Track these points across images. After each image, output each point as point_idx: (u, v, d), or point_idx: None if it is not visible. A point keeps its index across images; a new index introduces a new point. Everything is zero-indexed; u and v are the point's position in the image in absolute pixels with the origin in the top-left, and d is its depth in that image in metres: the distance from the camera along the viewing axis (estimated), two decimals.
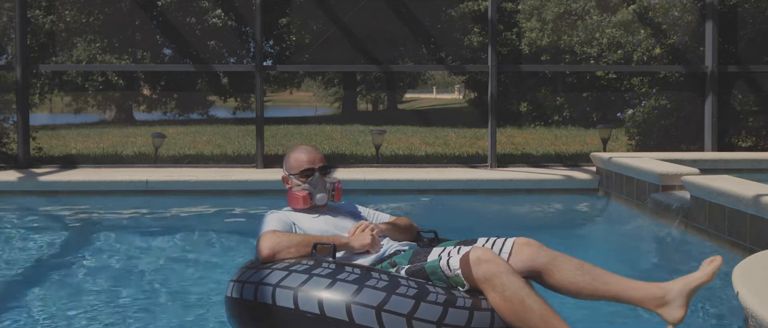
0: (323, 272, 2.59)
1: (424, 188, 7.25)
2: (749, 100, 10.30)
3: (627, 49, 13.36)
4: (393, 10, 21.22)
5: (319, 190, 3.13)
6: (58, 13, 21.39)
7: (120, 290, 3.90)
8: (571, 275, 2.68)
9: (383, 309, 2.45)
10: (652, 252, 5.05)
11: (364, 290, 2.50)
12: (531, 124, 18.41)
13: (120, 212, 6.40)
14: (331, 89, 31.81)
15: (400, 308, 2.45)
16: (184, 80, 22.92)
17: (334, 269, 2.62)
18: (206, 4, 21.80)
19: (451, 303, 2.49)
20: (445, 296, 2.51)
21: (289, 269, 2.64)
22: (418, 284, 2.56)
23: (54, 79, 21.52)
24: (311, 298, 2.52)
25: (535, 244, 2.77)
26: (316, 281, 2.56)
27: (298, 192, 3.12)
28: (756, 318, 2.42)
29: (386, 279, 2.56)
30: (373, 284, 2.52)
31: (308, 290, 2.54)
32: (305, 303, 2.52)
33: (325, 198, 3.14)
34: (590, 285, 2.66)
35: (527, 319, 2.48)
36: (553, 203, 6.91)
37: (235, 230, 5.67)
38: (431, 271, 2.64)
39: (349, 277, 2.56)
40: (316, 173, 3.14)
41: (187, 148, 11.99)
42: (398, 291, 2.50)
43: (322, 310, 2.49)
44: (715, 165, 6.91)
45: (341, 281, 2.54)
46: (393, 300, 2.47)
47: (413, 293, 2.50)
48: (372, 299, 2.47)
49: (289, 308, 2.54)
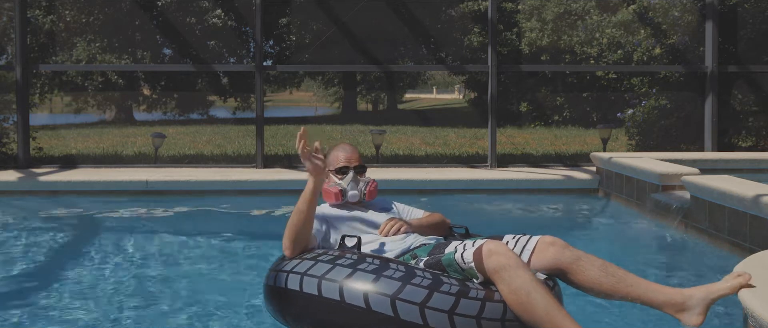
0: (346, 262, 2.79)
1: (424, 187, 7.25)
2: (749, 100, 10.30)
3: (627, 49, 13.36)
4: (393, 10, 21.21)
5: (352, 187, 3.29)
6: (58, 13, 21.39)
7: (119, 290, 3.90)
8: (594, 276, 2.76)
9: (398, 298, 2.61)
10: (652, 252, 5.05)
11: (381, 280, 2.67)
12: (531, 124, 18.41)
13: (120, 212, 6.40)
14: (331, 89, 31.78)
15: (414, 297, 2.60)
16: (184, 80, 22.91)
17: (356, 259, 2.81)
18: (206, 4, 21.79)
19: (463, 294, 2.61)
20: (458, 287, 2.64)
21: (316, 259, 2.87)
22: (433, 275, 2.70)
23: (54, 79, 21.51)
24: (333, 286, 2.72)
25: (560, 243, 2.84)
26: (339, 270, 2.76)
27: (331, 188, 3.29)
28: (756, 318, 2.42)
29: (403, 270, 2.71)
30: (390, 274, 2.69)
31: (331, 278, 2.75)
32: (328, 290, 2.72)
33: (357, 196, 3.28)
34: (613, 286, 2.73)
35: (532, 312, 2.55)
36: (553, 203, 6.91)
37: (235, 230, 5.67)
38: (447, 263, 2.74)
39: (368, 267, 2.74)
40: (351, 172, 3.31)
41: (187, 148, 11.99)
42: (413, 281, 2.64)
43: (343, 296, 2.68)
44: (715, 165, 6.91)
45: (361, 271, 2.72)
46: (407, 290, 2.62)
47: (427, 283, 2.64)
48: (388, 288, 2.64)
49: (313, 294, 2.76)
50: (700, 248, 4.85)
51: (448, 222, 3.42)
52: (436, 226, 3.33)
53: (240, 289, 3.93)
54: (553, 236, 2.89)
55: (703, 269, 4.39)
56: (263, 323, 3.33)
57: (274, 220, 6.19)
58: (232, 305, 3.61)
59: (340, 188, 3.28)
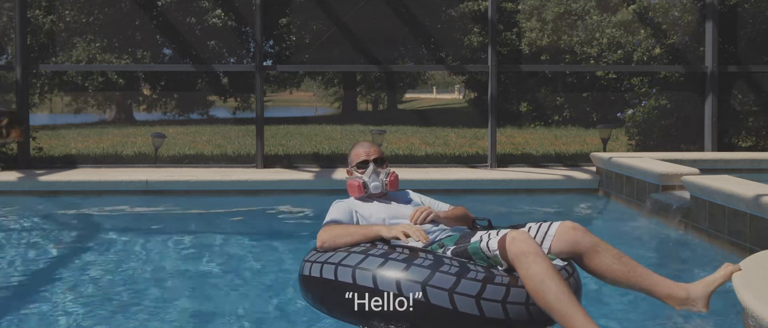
0: (377, 253, 2.99)
1: (424, 187, 7.20)
2: (749, 100, 10.30)
3: (627, 49, 13.37)
4: (393, 10, 21.21)
5: (373, 179, 3.51)
6: (58, 13, 21.39)
7: (119, 290, 3.90)
8: (608, 263, 2.96)
9: (428, 284, 2.78)
10: (652, 252, 5.05)
11: (412, 268, 2.84)
12: (531, 124, 18.40)
13: (120, 212, 6.40)
14: (331, 89, 31.76)
15: (443, 284, 2.77)
16: (184, 80, 22.91)
17: (386, 250, 3.00)
18: (206, 4, 21.79)
19: (489, 280, 2.78)
20: (484, 274, 2.80)
21: (349, 251, 3.07)
22: (460, 263, 2.87)
23: (54, 79, 21.51)
24: (366, 274, 2.90)
25: (580, 228, 3.04)
26: (371, 260, 2.95)
27: (354, 181, 3.52)
28: (756, 318, 2.42)
29: (431, 258, 2.89)
30: (420, 263, 2.86)
31: (365, 267, 2.93)
32: (362, 278, 2.90)
33: (379, 187, 3.52)
34: (625, 275, 2.95)
35: (544, 297, 2.69)
36: (553, 203, 6.90)
37: (235, 230, 5.68)
38: (473, 251, 2.92)
39: (399, 257, 2.92)
40: (371, 165, 3.54)
41: (187, 148, 11.99)
42: (442, 269, 2.82)
43: (376, 284, 2.86)
44: (715, 165, 6.91)
45: (392, 260, 2.90)
46: (437, 277, 2.79)
47: (455, 270, 2.81)
48: (419, 275, 2.81)
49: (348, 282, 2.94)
50: (700, 248, 4.85)
51: (471, 216, 3.57)
52: (460, 218, 3.48)
53: (240, 289, 3.93)
54: (574, 222, 3.08)
55: (703, 268, 4.39)
56: (263, 323, 3.34)
57: (274, 220, 6.19)
58: (232, 305, 3.61)
59: (362, 181, 3.49)
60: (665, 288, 2.91)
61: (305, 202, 6.80)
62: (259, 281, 4.12)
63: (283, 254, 4.73)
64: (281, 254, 4.74)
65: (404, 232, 3.07)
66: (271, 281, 4.09)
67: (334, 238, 3.14)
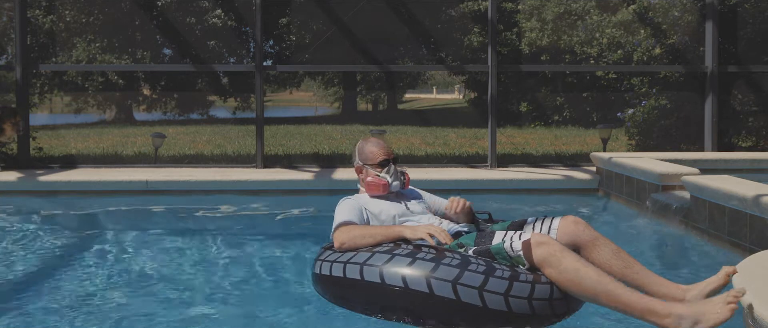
0: (403, 252, 3.00)
1: (424, 188, 7.19)
2: (749, 100, 10.31)
3: (627, 49, 13.37)
4: (393, 10, 21.21)
5: (395, 178, 3.57)
6: (58, 13, 21.39)
7: (119, 290, 3.90)
8: (607, 257, 3.02)
9: (458, 283, 2.82)
10: (652, 252, 5.05)
11: (441, 267, 2.88)
12: (531, 124, 18.41)
13: (120, 212, 6.39)
14: (331, 89, 31.75)
15: (473, 282, 2.83)
16: (184, 80, 22.91)
17: (411, 250, 3.02)
18: (206, 4, 21.79)
19: (515, 278, 2.85)
20: (510, 272, 2.87)
21: (372, 251, 3.08)
22: (486, 262, 2.92)
23: (54, 79, 21.52)
24: (395, 273, 2.92)
25: (581, 222, 3.14)
26: (399, 259, 2.97)
27: (379, 180, 3.54)
28: (756, 318, 2.42)
29: (458, 258, 2.93)
30: (448, 262, 2.90)
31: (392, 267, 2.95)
32: (390, 278, 2.92)
33: (399, 186, 3.58)
34: (621, 270, 2.98)
35: (584, 285, 2.75)
36: (553, 203, 6.90)
37: (235, 231, 5.67)
38: (496, 251, 2.97)
39: (426, 256, 2.96)
40: (392, 164, 3.60)
41: (187, 148, 11.99)
42: (470, 268, 2.87)
43: (406, 283, 2.88)
44: (715, 165, 6.91)
45: (420, 260, 2.93)
46: (466, 275, 2.84)
47: (482, 269, 2.87)
48: (448, 274, 2.85)
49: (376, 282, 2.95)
50: (700, 248, 4.85)
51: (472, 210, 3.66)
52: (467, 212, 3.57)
53: (240, 288, 3.93)
54: (575, 216, 3.16)
55: (703, 268, 4.39)
56: (264, 323, 3.34)
57: (274, 219, 6.19)
58: (232, 305, 3.61)
59: (386, 181, 3.53)
60: (662, 287, 2.93)
61: (305, 202, 6.81)
62: (260, 281, 4.12)
63: (284, 254, 4.73)
64: (281, 255, 4.74)
65: (429, 233, 3.09)
66: (271, 281, 4.09)
67: (353, 239, 3.14)
